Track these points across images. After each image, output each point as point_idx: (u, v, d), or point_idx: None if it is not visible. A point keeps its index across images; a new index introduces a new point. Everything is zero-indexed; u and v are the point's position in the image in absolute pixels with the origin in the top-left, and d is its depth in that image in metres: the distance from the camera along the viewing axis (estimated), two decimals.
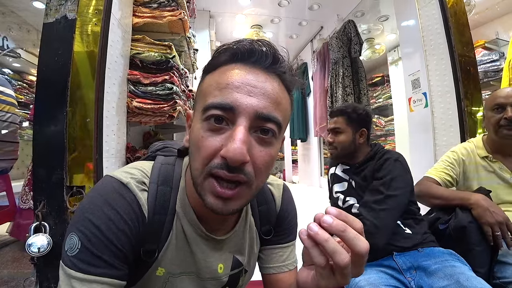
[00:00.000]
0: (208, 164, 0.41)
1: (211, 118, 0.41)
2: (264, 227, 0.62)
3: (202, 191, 0.43)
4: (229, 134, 0.41)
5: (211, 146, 0.41)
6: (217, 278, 0.55)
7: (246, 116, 0.41)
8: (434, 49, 1.86)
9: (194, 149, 0.43)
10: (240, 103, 0.41)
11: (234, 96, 0.41)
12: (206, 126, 0.42)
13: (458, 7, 1.81)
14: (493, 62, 3.09)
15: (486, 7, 3.19)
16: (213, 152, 0.41)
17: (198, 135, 0.42)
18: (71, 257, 0.41)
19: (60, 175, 1.09)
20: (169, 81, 1.48)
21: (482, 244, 0.98)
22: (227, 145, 0.40)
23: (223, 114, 0.41)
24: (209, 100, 0.42)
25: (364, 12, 3.62)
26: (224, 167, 0.40)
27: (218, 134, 0.41)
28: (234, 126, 0.41)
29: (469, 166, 1.24)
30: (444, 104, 1.80)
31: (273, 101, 0.43)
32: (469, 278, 0.84)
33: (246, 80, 0.42)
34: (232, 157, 0.39)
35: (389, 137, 4.49)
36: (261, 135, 0.43)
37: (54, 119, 1.11)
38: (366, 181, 1.15)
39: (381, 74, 4.87)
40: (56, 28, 1.15)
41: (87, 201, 0.46)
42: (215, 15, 3.69)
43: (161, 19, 1.53)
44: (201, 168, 0.42)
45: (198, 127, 0.43)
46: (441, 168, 1.27)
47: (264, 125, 0.42)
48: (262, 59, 0.43)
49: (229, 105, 0.40)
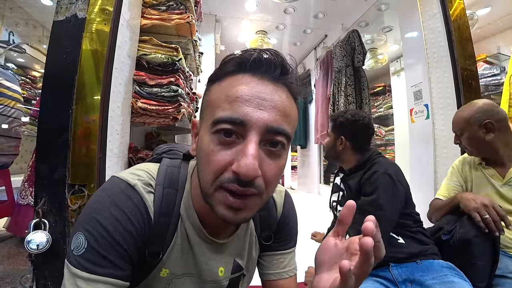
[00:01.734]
0: (218, 177, 0.41)
1: (220, 132, 0.41)
2: (264, 233, 0.63)
3: (213, 202, 0.43)
4: (240, 149, 0.41)
5: (222, 160, 0.41)
6: (217, 282, 0.55)
7: (256, 130, 0.41)
8: (437, 62, 1.88)
9: (204, 161, 0.43)
10: (250, 117, 0.40)
11: (244, 110, 0.40)
12: (216, 140, 0.42)
13: (461, 21, 1.83)
14: (494, 76, 3.12)
15: (488, 22, 3.22)
16: (224, 167, 0.41)
17: (208, 148, 0.42)
18: (77, 256, 0.42)
19: (62, 173, 1.10)
20: (175, 83, 1.49)
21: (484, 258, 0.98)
22: (239, 160, 0.40)
23: (233, 128, 0.41)
24: (219, 114, 0.41)
25: (368, 22, 3.65)
26: (235, 181, 0.40)
27: (228, 148, 0.41)
28: (245, 141, 0.41)
29: (468, 173, 1.25)
30: (445, 116, 1.82)
31: (282, 113, 0.43)
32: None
33: (256, 93, 0.42)
34: (245, 173, 0.39)
35: (389, 146, 4.50)
36: (271, 148, 0.43)
37: (59, 116, 1.12)
38: (352, 191, 1.15)
39: (383, 84, 4.90)
40: (65, 26, 1.16)
41: (94, 201, 0.46)
42: (221, 19, 3.71)
43: (169, 21, 1.54)
44: (211, 181, 0.42)
45: (208, 140, 0.43)
46: (445, 186, 1.29)
47: (274, 138, 0.42)
48: (271, 69, 0.43)
49: (239, 119, 0.40)
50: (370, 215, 0.35)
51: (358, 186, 1.12)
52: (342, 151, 1.23)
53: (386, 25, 3.71)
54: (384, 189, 1.03)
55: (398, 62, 4.27)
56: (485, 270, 0.97)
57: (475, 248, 0.98)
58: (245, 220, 0.45)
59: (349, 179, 1.20)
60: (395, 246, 1.03)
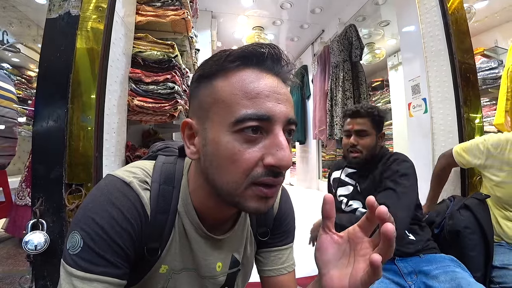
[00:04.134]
0: (250, 174, 0.41)
1: (247, 129, 0.41)
2: (261, 229, 0.63)
3: (243, 199, 0.43)
4: (270, 143, 0.42)
5: (253, 157, 0.41)
6: (215, 277, 0.56)
7: (280, 123, 0.42)
8: (434, 56, 1.87)
9: (228, 162, 0.42)
10: (274, 111, 0.42)
11: (268, 105, 0.42)
12: (241, 138, 0.41)
13: (459, 14, 1.82)
14: (491, 69, 3.12)
15: (485, 15, 3.22)
16: (255, 163, 0.41)
17: (232, 148, 0.41)
18: (72, 255, 0.41)
19: (59, 172, 1.09)
20: (171, 80, 1.48)
21: (476, 249, 1.00)
22: (274, 153, 0.41)
23: (260, 124, 0.41)
24: (241, 111, 0.41)
25: (365, 16, 3.63)
26: (270, 174, 0.42)
27: (255, 145, 0.42)
28: (273, 135, 0.42)
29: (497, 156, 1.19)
30: (443, 110, 1.81)
31: (291, 105, 0.46)
32: (470, 283, 0.85)
33: (273, 88, 0.43)
34: (285, 165, 0.41)
35: (387, 141, 4.51)
36: (287, 137, 0.45)
37: (55, 115, 1.11)
38: (375, 184, 1.13)
39: (381, 79, 4.90)
40: (59, 24, 1.15)
41: (89, 200, 0.46)
42: (217, 16, 3.69)
43: (164, 18, 1.53)
44: (242, 179, 0.42)
45: (228, 140, 0.42)
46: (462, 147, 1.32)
47: (290, 128, 0.45)
48: (274, 63, 0.44)
49: (266, 115, 0.41)
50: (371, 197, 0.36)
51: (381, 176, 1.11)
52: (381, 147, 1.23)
53: (383, 19, 3.69)
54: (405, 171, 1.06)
55: (395, 57, 4.27)
56: (478, 261, 0.99)
57: (466, 240, 1.01)
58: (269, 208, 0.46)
59: (368, 174, 1.17)
60: (405, 242, 1.04)
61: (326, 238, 0.42)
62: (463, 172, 1.59)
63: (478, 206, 1.09)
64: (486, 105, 3.21)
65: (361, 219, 0.40)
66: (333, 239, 0.42)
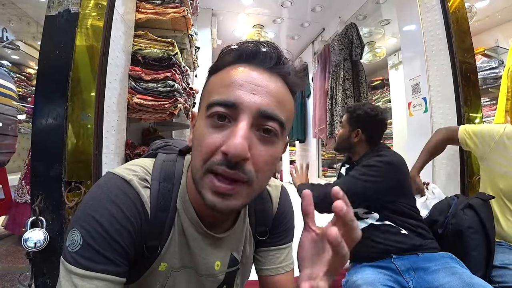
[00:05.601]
0: (208, 160, 0.41)
1: (214, 116, 0.42)
2: (260, 228, 0.63)
3: (202, 188, 0.43)
4: (231, 131, 0.41)
5: (212, 142, 0.41)
6: (213, 275, 0.55)
7: (248, 114, 0.41)
8: (435, 55, 1.86)
9: (196, 146, 0.44)
10: (243, 100, 0.41)
11: (237, 93, 0.42)
12: (209, 123, 0.43)
13: (460, 13, 1.82)
14: (492, 69, 3.11)
15: (486, 15, 3.21)
16: (214, 149, 0.41)
17: (201, 132, 0.43)
18: (72, 253, 0.41)
19: (58, 170, 1.08)
20: (171, 78, 1.47)
21: (478, 249, 1.00)
22: (227, 140, 0.40)
23: (226, 111, 0.42)
24: (213, 97, 0.43)
25: (366, 15, 3.62)
26: (224, 163, 0.40)
27: (220, 131, 0.42)
28: (236, 123, 0.41)
29: (497, 146, 1.18)
30: (443, 110, 1.81)
31: (277, 100, 0.43)
32: (471, 277, 0.86)
33: (250, 79, 0.43)
34: (233, 152, 0.39)
35: (387, 140, 4.51)
36: (263, 134, 0.43)
37: (54, 113, 1.10)
38: None
39: (381, 78, 4.90)
40: (58, 21, 1.14)
41: (89, 197, 0.46)
42: (217, 13, 3.68)
43: (164, 15, 1.52)
44: (201, 164, 0.42)
45: (202, 124, 0.44)
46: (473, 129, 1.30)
47: (267, 123, 0.43)
48: (266, 59, 0.44)
49: (232, 102, 0.41)
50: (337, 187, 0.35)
51: None
52: (356, 143, 1.29)
53: (384, 18, 3.68)
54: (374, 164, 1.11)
55: (396, 56, 4.26)
56: (480, 260, 0.99)
57: (468, 239, 1.01)
58: (234, 209, 0.44)
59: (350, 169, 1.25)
60: (399, 236, 1.05)
61: (306, 235, 0.42)
62: (463, 172, 1.59)
63: (482, 206, 1.08)
64: (486, 105, 3.21)
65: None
66: (311, 236, 0.41)
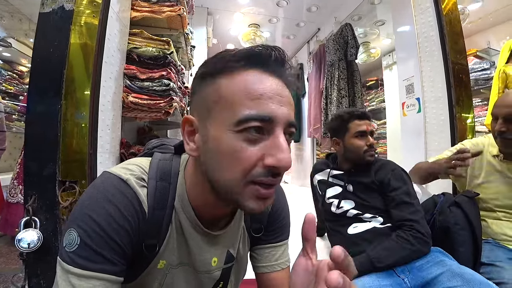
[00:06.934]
0: (249, 173, 0.42)
1: (250, 130, 0.42)
2: (255, 225, 0.63)
3: (241, 197, 0.43)
4: (271, 144, 0.42)
5: (253, 156, 0.42)
6: (210, 272, 0.56)
7: (281, 125, 0.43)
8: (428, 56, 1.89)
9: (228, 160, 0.43)
10: (276, 114, 0.42)
11: (271, 107, 0.42)
12: (243, 137, 0.42)
13: (453, 15, 1.84)
14: (483, 70, 3.17)
15: (479, 17, 3.26)
16: (255, 162, 0.42)
17: (233, 147, 0.42)
18: (69, 253, 0.41)
19: (52, 169, 1.07)
20: (166, 77, 1.47)
21: (465, 245, 1.03)
22: (274, 154, 0.42)
23: (262, 125, 0.42)
24: (244, 112, 0.41)
25: (361, 16, 3.64)
26: (269, 174, 0.42)
27: (256, 144, 0.42)
28: (274, 136, 0.43)
29: (476, 161, 1.21)
30: (436, 110, 1.84)
31: (292, 108, 0.46)
32: (461, 267, 0.90)
33: (275, 90, 0.44)
34: (284, 166, 0.42)
35: (381, 140, 4.55)
36: (288, 139, 0.45)
37: (48, 111, 1.09)
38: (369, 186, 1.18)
39: (375, 78, 4.93)
40: (52, 19, 1.13)
41: (86, 197, 0.46)
42: (213, 12, 3.66)
43: (160, 14, 1.51)
44: (240, 177, 0.42)
45: (230, 138, 0.42)
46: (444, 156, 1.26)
47: (290, 130, 0.45)
48: (278, 66, 0.45)
49: (268, 116, 0.42)
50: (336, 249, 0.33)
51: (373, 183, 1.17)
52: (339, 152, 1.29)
53: (378, 19, 3.70)
54: (408, 181, 1.15)
55: (390, 56, 4.30)
56: (468, 256, 1.02)
57: (456, 235, 1.04)
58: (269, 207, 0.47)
59: (357, 176, 1.22)
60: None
61: (301, 261, 0.41)
62: None
63: (468, 204, 1.11)
64: (478, 105, 3.26)
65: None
66: (307, 264, 0.40)
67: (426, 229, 1.02)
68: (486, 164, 1.19)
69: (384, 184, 1.14)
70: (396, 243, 1.00)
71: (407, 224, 1.03)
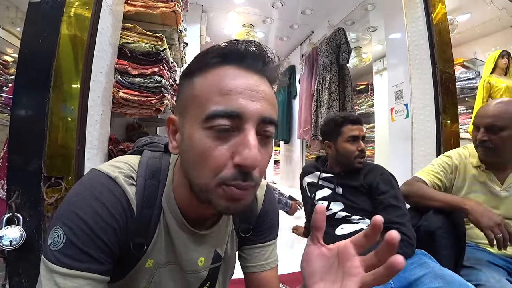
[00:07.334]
0: (219, 174, 0.41)
1: (216, 127, 0.40)
2: (243, 225, 0.63)
3: (213, 197, 0.42)
4: (239, 141, 0.40)
5: (221, 155, 0.40)
6: (197, 271, 0.56)
7: (252, 122, 0.41)
8: (418, 63, 1.94)
9: (199, 158, 0.42)
10: (246, 109, 0.40)
11: (239, 102, 0.40)
12: (211, 135, 0.41)
13: (443, 25, 1.90)
14: (469, 80, 3.28)
15: (466, 28, 3.36)
16: (224, 161, 0.40)
17: (203, 145, 0.41)
18: (54, 251, 0.40)
19: (37, 164, 1.04)
20: (158, 73, 1.45)
21: (448, 248, 1.05)
22: (240, 152, 0.40)
23: (229, 121, 0.40)
24: (212, 108, 0.40)
25: (354, 21, 3.70)
26: (238, 177, 0.40)
27: (225, 142, 0.41)
28: (244, 133, 0.41)
29: (459, 174, 1.22)
30: (423, 116, 1.89)
31: (270, 103, 0.44)
32: (442, 269, 0.92)
33: (247, 85, 0.42)
34: (250, 164, 0.39)
35: (369, 143, 4.62)
36: (264, 137, 0.43)
37: (35, 104, 1.06)
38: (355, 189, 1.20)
39: (366, 83, 5.01)
40: (43, 8, 1.09)
41: (73, 194, 0.45)
42: (208, 10, 3.63)
43: (154, 9, 1.49)
44: (211, 177, 0.41)
45: (200, 136, 0.41)
46: (433, 172, 1.25)
47: (266, 128, 0.43)
48: (255, 61, 0.44)
49: (235, 112, 0.40)
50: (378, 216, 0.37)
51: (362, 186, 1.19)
52: (331, 155, 1.31)
53: (371, 25, 3.77)
54: (395, 185, 1.18)
55: (381, 62, 4.38)
56: (450, 259, 1.04)
57: (439, 239, 1.06)
58: (245, 209, 0.45)
59: (347, 179, 1.24)
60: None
61: (313, 249, 0.40)
62: None
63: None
64: (463, 113, 3.37)
65: (357, 235, 0.39)
66: (321, 251, 0.39)
67: (412, 232, 1.04)
68: (469, 176, 1.20)
69: (373, 188, 1.16)
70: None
71: (393, 227, 1.05)
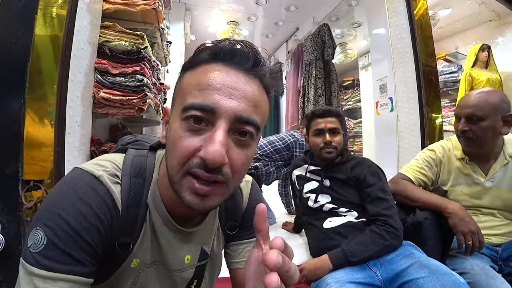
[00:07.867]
0: (186, 163, 0.41)
1: (190, 118, 0.41)
2: (229, 223, 0.63)
3: (180, 189, 0.42)
4: (209, 136, 0.41)
5: (190, 146, 0.41)
6: (183, 270, 0.55)
7: (226, 119, 0.41)
8: (401, 57, 1.97)
9: (172, 147, 0.42)
10: (220, 105, 0.40)
11: (215, 97, 0.41)
12: (185, 126, 0.41)
13: (424, 20, 1.93)
14: (452, 73, 3.35)
15: (448, 22, 3.43)
16: (192, 152, 0.40)
17: (176, 134, 0.42)
18: (34, 253, 0.39)
19: (15, 168, 1.00)
20: (140, 72, 1.42)
21: (434, 239, 1.08)
22: (206, 146, 0.40)
23: (203, 115, 0.41)
24: (189, 100, 0.41)
25: (338, 17, 3.73)
26: (202, 167, 0.40)
27: (197, 135, 0.41)
28: (214, 128, 0.41)
29: (444, 167, 1.24)
30: (408, 109, 1.92)
31: (253, 104, 0.43)
32: (428, 259, 0.95)
33: (227, 82, 0.42)
34: (211, 159, 0.39)
35: (357, 138, 4.69)
36: (240, 137, 0.43)
37: (10, 106, 1.02)
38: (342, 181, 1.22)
39: (352, 78, 5.07)
40: (15, 6, 1.05)
41: (55, 194, 0.43)
42: (191, 8, 3.59)
43: (134, 7, 1.46)
44: (178, 166, 0.41)
45: (177, 126, 0.42)
46: (418, 168, 1.26)
47: (243, 127, 0.42)
48: (244, 60, 0.44)
49: (209, 106, 0.40)
50: (276, 238, 0.35)
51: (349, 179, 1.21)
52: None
53: (355, 20, 3.81)
54: (383, 177, 1.19)
55: (366, 57, 4.43)
56: (436, 248, 1.07)
57: (426, 230, 1.08)
58: (212, 208, 0.45)
59: (334, 172, 1.25)
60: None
61: (253, 253, 0.38)
62: None
63: None
64: (447, 106, 3.44)
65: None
66: (258, 255, 0.37)
67: (398, 224, 1.06)
68: (453, 169, 1.22)
69: (360, 180, 1.18)
70: (370, 238, 1.04)
71: (381, 219, 1.07)
